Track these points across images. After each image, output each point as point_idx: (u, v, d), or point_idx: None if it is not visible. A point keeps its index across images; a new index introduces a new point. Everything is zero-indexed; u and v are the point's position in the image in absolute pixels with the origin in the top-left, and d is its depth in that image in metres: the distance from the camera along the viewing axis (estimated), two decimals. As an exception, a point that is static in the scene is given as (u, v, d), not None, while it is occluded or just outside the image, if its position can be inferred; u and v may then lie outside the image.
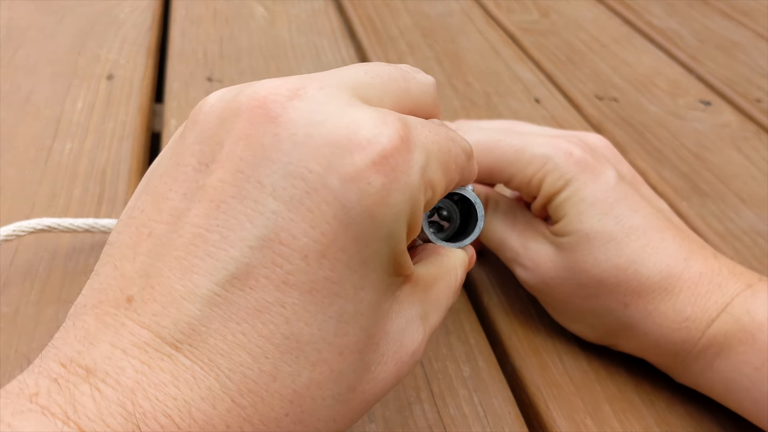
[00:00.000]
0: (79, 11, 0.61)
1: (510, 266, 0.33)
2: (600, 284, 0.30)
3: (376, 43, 0.62)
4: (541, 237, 0.32)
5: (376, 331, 0.18)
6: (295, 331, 0.16)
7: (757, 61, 0.68)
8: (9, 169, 0.40)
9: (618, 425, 0.30)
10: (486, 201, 0.34)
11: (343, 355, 0.17)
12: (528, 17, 0.72)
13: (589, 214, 0.30)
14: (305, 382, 0.17)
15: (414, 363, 0.20)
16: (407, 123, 0.18)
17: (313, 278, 0.16)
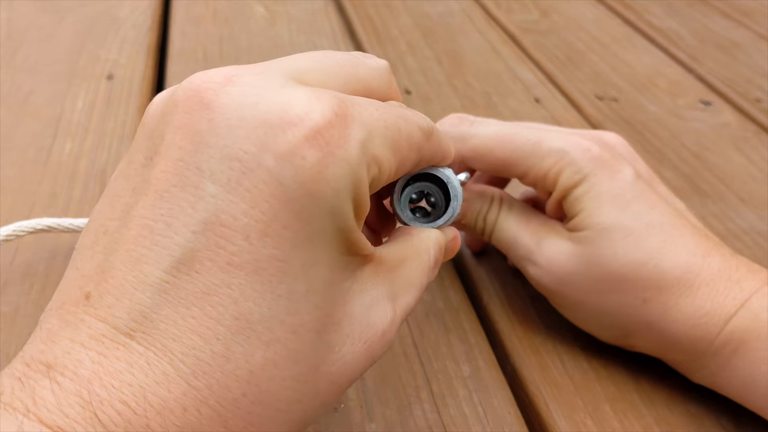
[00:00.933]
0: (79, 11, 0.61)
1: (522, 265, 0.32)
2: (619, 279, 0.29)
3: (376, 43, 0.62)
4: (555, 234, 0.31)
5: (334, 310, 0.18)
6: (244, 311, 0.16)
7: (757, 61, 0.68)
8: (9, 169, 0.40)
9: (618, 425, 0.30)
10: (500, 203, 0.33)
11: (297, 334, 0.17)
12: (528, 17, 0.72)
13: (607, 208, 0.30)
14: (260, 361, 0.17)
15: (386, 344, 0.20)
16: (344, 99, 0.18)
17: (257, 257, 0.17)
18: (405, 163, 0.21)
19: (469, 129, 0.33)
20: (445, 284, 0.37)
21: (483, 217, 0.33)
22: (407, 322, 0.34)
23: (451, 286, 0.37)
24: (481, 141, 0.32)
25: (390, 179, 0.20)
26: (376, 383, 0.30)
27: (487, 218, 0.33)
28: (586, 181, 0.30)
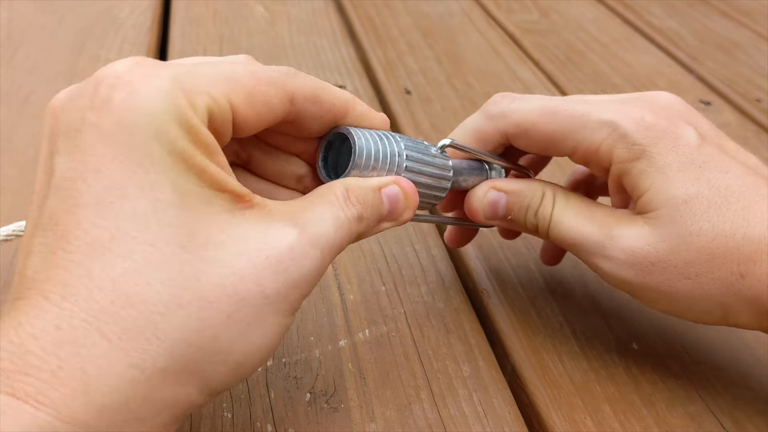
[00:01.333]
0: (79, 11, 0.61)
1: (592, 263, 0.29)
2: (710, 257, 0.26)
3: (376, 43, 0.62)
4: (627, 221, 0.28)
5: (200, 229, 0.20)
6: (96, 236, 0.19)
7: (757, 61, 0.68)
8: (9, 169, 0.40)
9: (618, 425, 0.30)
10: (553, 195, 0.30)
11: (155, 246, 0.20)
12: (528, 17, 0.72)
13: (678, 180, 0.27)
14: (120, 271, 0.19)
15: (299, 258, 0.22)
16: (144, 60, 0.21)
17: (96, 191, 0.20)
18: (256, 106, 0.23)
19: (511, 104, 0.31)
20: (445, 284, 0.37)
21: (534, 213, 0.30)
22: (407, 322, 0.34)
23: (451, 286, 0.37)
24: (523, 115, 0.30)
25: (250, 117, 0.23)
26: (376, 383, 0.30)
27: (539, 214, 0.30)
28: (646, 155, 0.28)
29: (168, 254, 0.20)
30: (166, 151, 0.20)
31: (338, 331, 0.33)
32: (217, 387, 0.21)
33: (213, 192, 0.21)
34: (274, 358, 0.31)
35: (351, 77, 0.56)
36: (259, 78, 0.23)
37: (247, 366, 0.21)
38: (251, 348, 0.21)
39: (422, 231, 0.40)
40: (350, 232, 0.24)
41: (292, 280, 0.22)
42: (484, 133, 0.31)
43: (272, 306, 0.21)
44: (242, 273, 0.21)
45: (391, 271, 0.37)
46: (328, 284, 0.36)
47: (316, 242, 0.22)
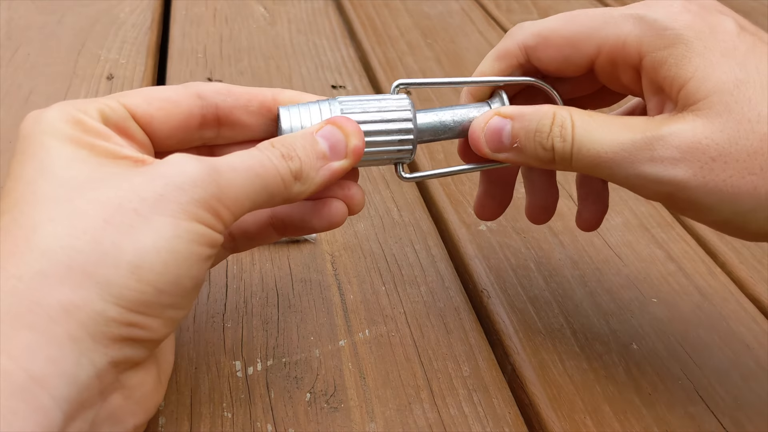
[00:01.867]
0: (79, 11, 0.61)
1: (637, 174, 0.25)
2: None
3: (376, 43, 0.62)
4: (673, 120, 0.25)
5: (86, 177, 0.23)
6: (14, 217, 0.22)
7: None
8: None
9: (618, 425, 0.30)
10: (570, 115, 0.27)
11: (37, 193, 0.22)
12: (528, 17, 0.72)
13: (724, 64, 0.24)
14: (6, 211, 0.22)
15: (170, 166, 0.23)
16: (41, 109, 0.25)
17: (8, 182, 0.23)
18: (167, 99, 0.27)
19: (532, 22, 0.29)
20: (445, 284, 0.37)
21: (546, 136, 0.27)
22: (407, 322, 0.34)
23: (451, 286, 0.37)
24: (543, 23, 0.28)
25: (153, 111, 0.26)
26: (376, 383, 0.30)
27: (558, 134, 0.26)
28: (682, 39, 0.25)
29: (48, 195, 0.22)
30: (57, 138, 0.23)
31: (338, 331, 0.33)
32: (124, 293, 0.21)
33: (108, 159, 0.23)
34: (274, 357, 0.31)
35: (351, 77, 0.56)
36: (156, 87, 0.27)
37: (149, 268, 0.21)
38: (142, 248, 0.21)
39: (422, 231, 0.40)
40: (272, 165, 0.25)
41: (174, 184, 0.22)
42: (502, 50, 0.30)
43: (155, 207, 0.22)
44: (118, 186, 0.22)
45: (391, 271, 0.37)
46: (328, 284, 0.36)
47: (207, 161, 0.23)
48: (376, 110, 0.28)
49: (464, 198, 0.43)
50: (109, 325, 0.21)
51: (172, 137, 0.27)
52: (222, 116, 0.28)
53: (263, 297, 0.34)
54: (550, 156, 0.27)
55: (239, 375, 0.30)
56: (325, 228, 0.29)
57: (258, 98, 0.28)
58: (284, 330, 0.33)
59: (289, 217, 0.29)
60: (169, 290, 0.22)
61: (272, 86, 0.53)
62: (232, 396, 0.29)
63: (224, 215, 0.24)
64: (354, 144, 0.27)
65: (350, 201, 0.29)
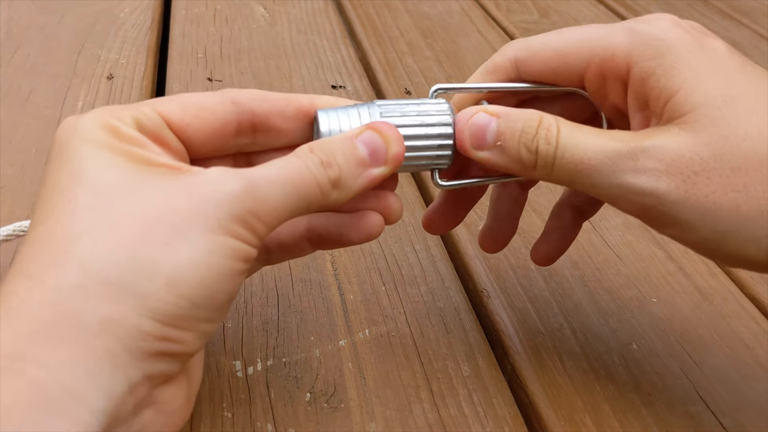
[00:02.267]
0: (79, 11, 0.61)
1: (619, 184, 0.25)
2: (759, 164, 0.23)
3: (376, 43, 0.62)
4: (658, 133, 0.25)
5: (120, 183, 0.23)
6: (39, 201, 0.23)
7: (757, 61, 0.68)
8: (9, 169, 0.40)
9: (618, 425, 0.30)
10: (555, 121, 0.26)
11: (73, 201, 0.22)
12: (528, 17, 0.72)
13: (713, 79, 0.24)
14: (42, 220, 0.22)
15: (206, 183, 0.23)
16: (77, 115, 0.25)
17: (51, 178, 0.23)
18: (202, 106, 0.26)
19: (518, 39, 0.30)
20: (445, 284, 0.37)
21: (531, 138, 0.26)
22: (407, 322, 0.34)
23: (451, 286, 0.37)
24: (533, 38, 0.29)
25: (188, 119, 0.26)
26: (376, 383, 0.30)
27: (542, 137, 0.26)
28: (673, 51, 0.25)
29: (82, 203, 0.22)
30: (92, 145, 0.23)
31: (338, 330, 0.33)
32: (160, 307, 0.21)
33: (144, 167, 0.23)
34: (274, 357, 0.31)
35: (351, 77, 0.56)
36: (191, 93, 0.27)
37: (185, 282, 0.21)
38: (178, 262, 0.21)
39: (422, 231, 0.40)
40: (310, 173, 0.24)
41: (210, 199, 0.22)
42: (491, 65, 0.30)
43: (192, 222, 0.22)
44: (154, 199, 0.22)
45: (391, 271, 0.37)
46: (328, 284, 0.36)
47: (243, 174, 0.23)
48: (415, 114, 0.27)
49: (464, 198, 0.43)
50: (145, 340, 0.21)
51: (208, 144, 0.27)
52: (258, 122, 0.27)
53: (263, 297, 0.34)
54: (533, 159, 0.26)
55: (239, 375, 0.30)
56: (362, 240, 0.28)
57: (294, 103, 0.28)
58: (284, 330, 0.33)
59: (326, 231, 0.29)
60: (203, 304, 0.22)
61: (272, 86, 0.53)
62: (232, 396, 0.29)
63: (259, 229, 0.23)
64: (395, 151, 0.26)
65: (387, 211, 0.28)
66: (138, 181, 0.23)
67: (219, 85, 0.52)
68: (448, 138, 0.27)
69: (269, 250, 0.30)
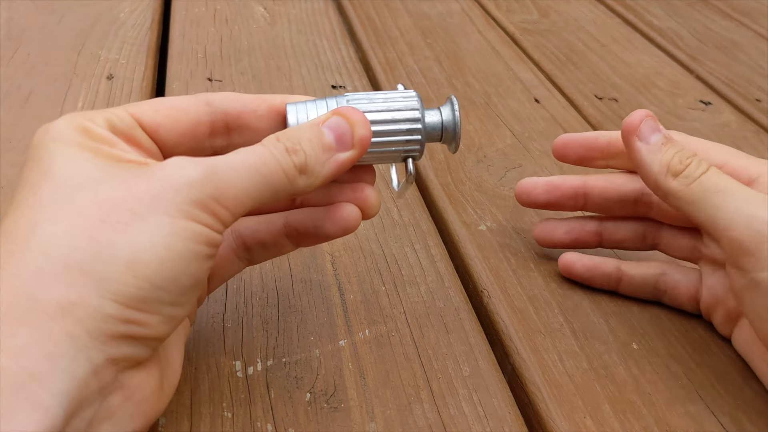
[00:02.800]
0: (79, 11, 0.61)
1: (757, 213, 0.28)
2: None
3: (376, 43, 0.62)
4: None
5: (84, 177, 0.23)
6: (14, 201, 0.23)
7: (757, 61, 0.68)
8: (9, 169, 0.40)
9: (618, 425, 0.30)
10: (708, 163, 0.31)
11: (38, 195, 0.23)
12: (528, 17, 0.72)
13: None
14: (11, 216, 0.23)
15: (164, 168, 0.23)
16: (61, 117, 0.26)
17: (17, 188, 0.24)
18: (174, 106, 0.27)
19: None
20: (445, 284, 0.37)
21: (688, 157, 0.31)
22: (407, 322, 0.34)
23: (451, 286, 0.37)
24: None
25: (159, 119, 0.27)
26: (376, 383, 0.30)
27: (696, 160, 0.31)
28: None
29: (46, 194, 0.23)
30: (61, 143, 0.24)
31: (338, 330, 0.33)
32: (121, 289, 0.21)
33: (111, 162, 0.24)
34: (274, 357, 0.31)
35: (351, 77, 0.56)
36: (166, 97, 0.28)
37: (146, 265, 0.22)
38: (137, 245, 0.22)
39: (422, 231, 0.40)
40: (275, 160, 0.25)
41: (169, 185, 0.23)
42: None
43: (150, 207, 0.22)
44: (115, 187, 0.23)
45: (391, 271, 0.37)
46: (328, 284, 0.36)
47: (204, 161, 0.24)
48: (382, 101, 0.28)
49: (464, 198, 0.43)
50: (106, 322, 0.21)
51: (181, 145, 0.27)
52: (231, 122, 0.28)
53: (263, 297, 0.34)
54: (680, 168, 0.31)
55: (239, 375, 0.30)
56: (339, 233, 0.29)
57: (267, 102, 0.29)
58: (284, 330, 0.33)
59: (302, 224, 0.29)
60: (166, 287, 0.22)
61: (272, 87, 0.53)
62: (232, 396, 0.29)
63: (222, 215, 0.24)
64: (360, 134, 0.27)
65: (364, 204, 0.29)
66: (102, 173, 0.23)
67: (219, 84, 0.52)
68: (415, 122, 0.28)
69: (249, 248, 0.30)
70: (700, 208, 0.30)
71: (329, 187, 0.29)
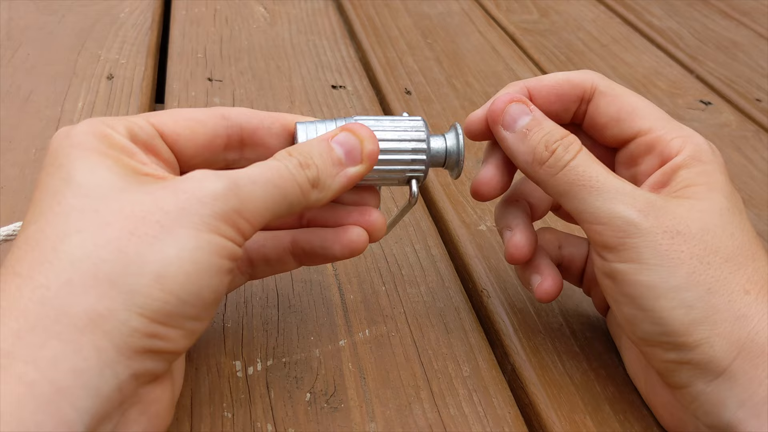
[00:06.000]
0: (79, 11, 0.61)
1: (614, 209, 0.27)
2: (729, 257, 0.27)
3: (376, 43, 0.62)
4: (666, 197, 0.28)
5: (105, 186, 0.23)
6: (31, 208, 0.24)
7: (757, 61, 0.68)
8: (9, 169, 0.40)
9: (618, 425, 0.30)
10: (580, 143, 0.29)
11: (62, 203, 0.23)
12: (528, 17, 0.72)
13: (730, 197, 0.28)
14: (34, 227, 0.23)
15: (191, 181, 0.23)
16: (72, 125, 0.26)
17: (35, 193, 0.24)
18: (194, 118, 0.28)
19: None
20: (445, 284, 0.37)
21: (555, 140, 0.29)
22: (407, 322, 0.34)
23: (451, 286, 0.37)
24: (618, 85, 0.31)
25: (180, 130, 0.27)
26: (376, 383, 0.30)
27: (563, 145, 0.29)
28: (714, 164, 0.29)
29: (72, 205, 0.23)
30: (82, 149, 0.24)
31: (338, 330, 0.33)
32: (147, 302, 0.21)
33: (131, 172, 0.24)
34: (274, 357, 0.31)
35: (351, 77, 0.56)
36: (182, 107, 0.29)
37: (173, 279, 0.22)
38: (165, 258, 0.22)
39: (422, 231, 0.40)
40: (290, 174, 0.25)
41: (195, 198, 0.23)
42: (575, 79, 0.31)
43: (177, 220, 0.22)
44: (141, 199, 0.23)
45: (391, 271, 0.37)
46: (328, 284, 0.36)
47: (226, 175, 0.24)
48: (389, 121, 0.29)
49: (464, 198, 0.43)
50: (132, 336, 0.21)
51: (198, 156, 0.28)
52: (246, 137, 0.29)
53: (263, 297, 0.34)
54: (545, 157, 0.29)
55: (239, 375, 0.30)
56: (346, 255, 0.29)
57: (280, 120, 0.29)
58: (284, 330, 0.33)
59: (309, 243, 0.30)
60: (191, 301, 0.22)
61: (272, 86, 0.53)
62: (232, 396, 0.29)
63: (244, 228, 0.24)
64: (369, 149, 0.27)
65: (371, 227, 0.29)
66: (125, 183, 0.23)
67: (219, 84, 0.52)
68: (421, 142, 0.29)
69: (253, 263, 0.30)
70: (566, 200, 0.29)
71: (336, 209, 0.30)
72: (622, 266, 0.27)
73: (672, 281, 0.26)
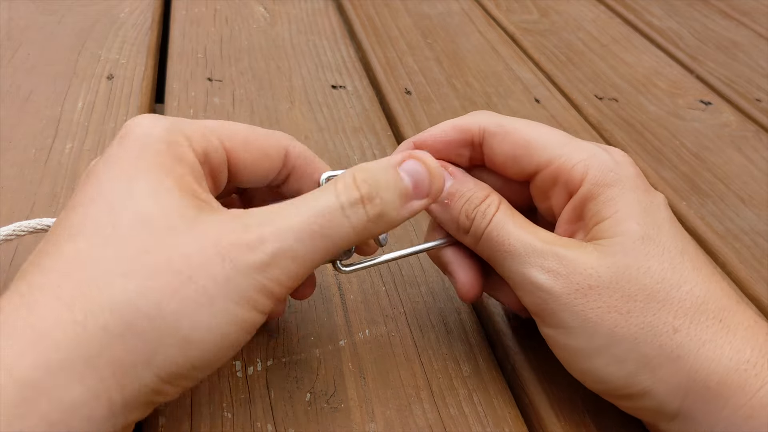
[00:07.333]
0: (79, 11, 0.61)
1: (524, 273, 0.27)
2: (649, 298, 0.26)
3: (376, 43, 0.62)
4: (574, 244, 0.27)
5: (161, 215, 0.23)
6: (73, 221, 0.23)
7: (757, 61, 0.68)
8: (9, 169, 0.40)
9: (618, 425, 0.30)
10: (499, 201, 0.29)
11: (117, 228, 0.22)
12: (528, 17, 0.72)
13: (642, 218, 0.27)
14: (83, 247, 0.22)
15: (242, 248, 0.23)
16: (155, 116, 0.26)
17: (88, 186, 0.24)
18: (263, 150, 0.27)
19: (490, 111, 0.31)
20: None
21: (474, 207, 0.29)
22: (407, 322, 0.34)
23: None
24: (508, 118, 0.30)
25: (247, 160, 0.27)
26: (376, 383, 0.30)
27: (480, 212, 0.28)
28: (619, 185, 0.27)
29: (125, 234, 0.22)
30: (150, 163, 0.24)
31: (338, 330, 0.33)
32: (166, 365, 0.21)
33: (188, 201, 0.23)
34: (274, 358, 0.31)
35: (351, 77, 0.56)
36: (256, 129, 0.28)
37: (197, 347, 0.22)
38: (199, 326, 0.22)
39: (422, 231, 0.40)
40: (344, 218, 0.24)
41: (242, 269, 0.22)
42: (463, 123, 0.30)
43: (221, 290, 0.22)
44: (191, 255, 0.22)
45: (391, 271, 0.37)
46: (328, 284, 0.36)
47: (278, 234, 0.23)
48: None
49: (464, 198, 0.43)
50: (141, 391, 0.21)
51: (251, 183, 0.28)
52: (295, 177, 0.29)
53: (263, 297, 0.34)
54: (467, 226, 0.29)
55: (239, 375, 0.30)
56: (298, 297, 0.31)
57: (321, 170, 0.29)
58: (284, 330, 0.33)
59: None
60: (202, 367, 0.23)
61: (272, 87, 0.53)
62: (232, 396, 0.29)
63: (280, 294, 0.24)
64: (437, 185, 0.26)
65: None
66: (179, 219, 0.23)
67: (219, 84, 0.52)
68: None
69: None
70: (495, 267, 0.29)
71: None
72: (550, 331, 0.28)
73: (596, 341, 0.26)
